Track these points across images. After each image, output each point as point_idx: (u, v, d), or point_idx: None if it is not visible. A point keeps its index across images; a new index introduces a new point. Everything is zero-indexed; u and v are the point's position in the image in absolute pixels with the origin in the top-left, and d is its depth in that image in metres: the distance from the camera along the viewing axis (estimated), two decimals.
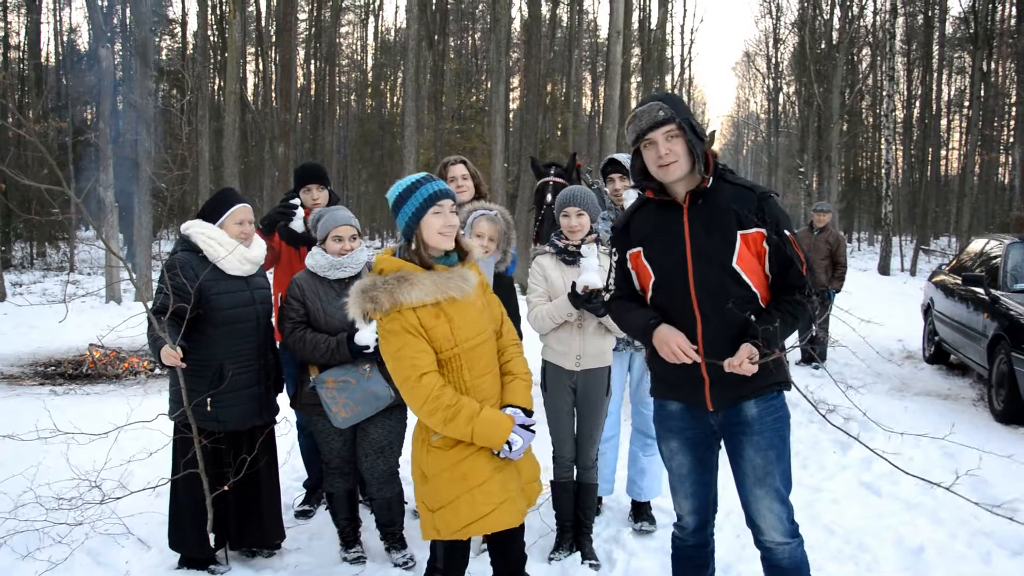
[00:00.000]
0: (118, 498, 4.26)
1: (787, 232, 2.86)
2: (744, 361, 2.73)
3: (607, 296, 3.20)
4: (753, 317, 2.82)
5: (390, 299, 2.77)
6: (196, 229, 3.97)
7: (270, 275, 4.84)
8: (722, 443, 3.09)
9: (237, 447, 4.04)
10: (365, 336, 3.84)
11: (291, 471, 5.32)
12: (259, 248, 4.14)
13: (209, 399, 3.84)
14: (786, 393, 3.02)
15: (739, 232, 2.84)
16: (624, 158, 5.09)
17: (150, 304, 3.79)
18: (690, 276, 2.87)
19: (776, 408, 2.96)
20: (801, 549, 3.00)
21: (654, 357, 3.06)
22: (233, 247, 3.95)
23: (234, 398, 3.93)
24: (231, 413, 3.95)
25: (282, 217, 4.74)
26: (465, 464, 2.89)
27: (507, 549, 3.12)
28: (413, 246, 2.88)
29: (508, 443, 2.85)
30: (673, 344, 2.85)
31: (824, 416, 3.39)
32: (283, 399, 4.44)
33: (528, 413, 2.98)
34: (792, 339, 3.10)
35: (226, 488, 3.94)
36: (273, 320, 4.32)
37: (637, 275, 3.08)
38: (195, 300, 3.74)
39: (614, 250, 3.15)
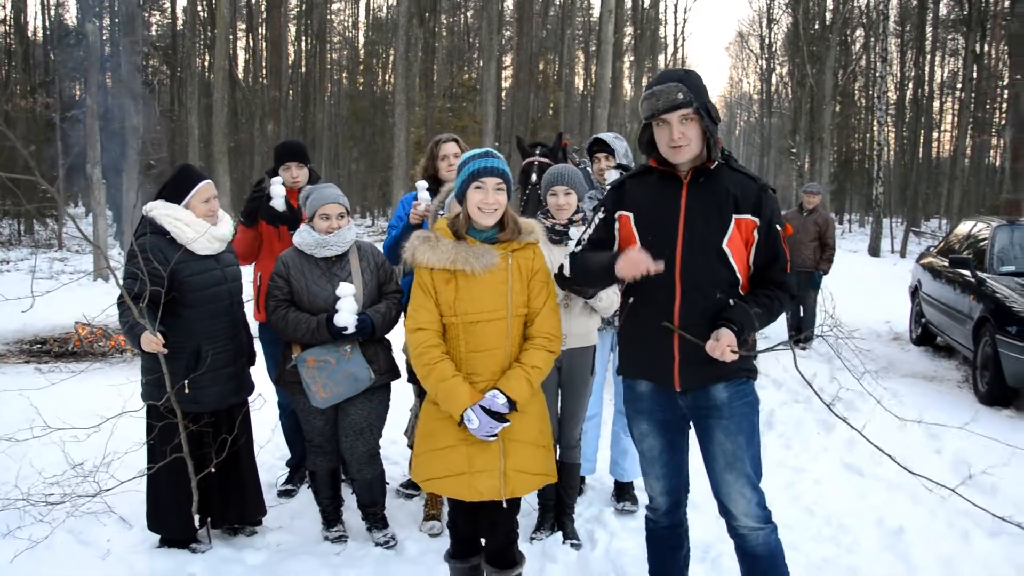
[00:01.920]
0: (108, 490, 4.23)
1: (778, 227, 2.89)
2: (726, 349, 2.73)
3: (578, 248, 3.17)
4: (732, 302, 2.83)
5: (411, 256, 3.07)
6: (161, 211, 3.88)
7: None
8: (692, 426, 3.09)
9: (216, 426, 4.02)
10: (344, 318, 3.82)
11: (274, 450, 5.30)
12: (225, 225, 4.08)
13: (187, 380, 3.81)
14: (772, 374, 3.02)
15: (734, 215, 2.85)
16: (609, 137, 5.05)
17: (102, 285, 3.75)
18: (678, 251, 2.86)
19: (746, 393, 2.96)
20: (775, 536, 3.00)
21: (624, 335, 3.07)
22: (204, 229, 3.88)
23: (212, 378, 3.91)
24: (209, 393, 3.93)
25: (256, 203, 4.68)
26: (435, 424, 3.07)
27: (494, 524, 3.20)
28: (460, 215, 3.06)
29: (465, 419, 2.93)
30: (636, 259, 2.74)
31: (829, 406, 3.31)
32: (261, 376, 4.42)
33: (511, 402, 2.96)
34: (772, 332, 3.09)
35: (212, 470, 3.93)
36: (248, 298, 4.28)
37: (620, 240, 3.05)
38: (168, 284, 3.70)
39: (602, 208, 3.11)
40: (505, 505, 3.10)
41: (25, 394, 5.00)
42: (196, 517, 4.01)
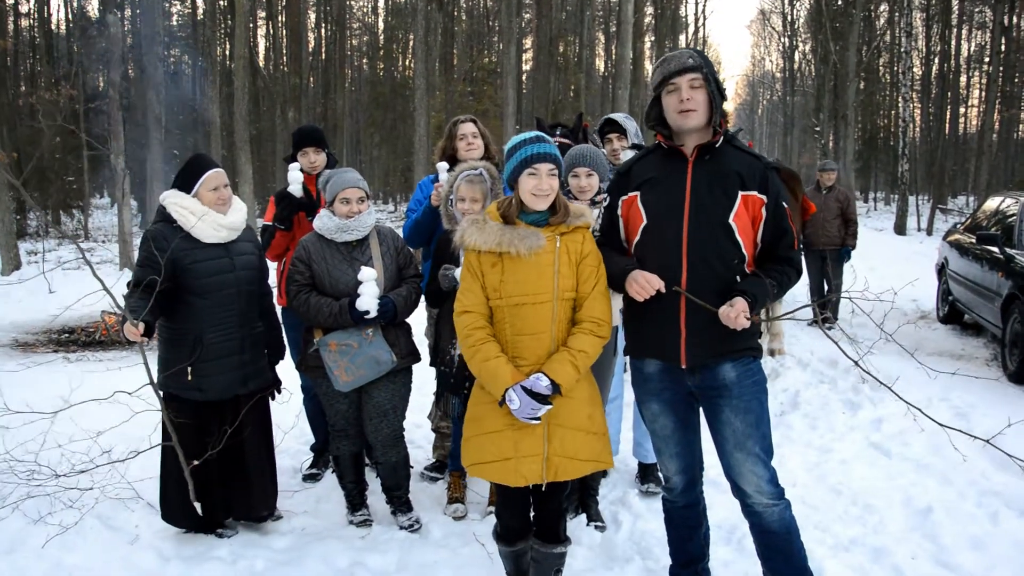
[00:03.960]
0: (121, 459, 4.27)
1: (784, 205, 2.95)
2: (740, 315, 2.75)
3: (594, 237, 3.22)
4: (738, 278, 2.89)
5: (460, 238, 3.08)
6: (170, 200, 3.87)
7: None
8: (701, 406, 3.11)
9: (221, 417, 3.97)
10: (365, 302, 3.84)
11: (299, 435, 5.34)
12: (237, 213, 4.01)
13: (190, 368, 3.80)
14: (797, 354, 3.03)
15: (740, 192, 2.90)
16: (620, 117, 5.01)
17: (128, 276, 3.76)
18: (684, 224, 2.90)
19: (753, 372, 2.98)
20: (789, 512, 3.02)
21: (630, 311, 3.09)
22: (203, 214, 3.85)
23: (216, 367, 3.86)
24: (212, 382, 3.88)
25: (287, 208, 4.68)
26: (483, 409, 3.05)
27: (543, 503, 3.20)
28: (512, 200, 3.06)
29: (507, 399, 2.91)
30: (641, 279, 2.88)
31: (864, 369, 3.30)
32: (287, 367, 4.43)
33: (555, 385, 2.90)
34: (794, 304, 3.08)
35: (205, 459, 3.84)
36: (272, 286, 4.28)
37: (627, 222, 3.10)
38: (169, 271, 3.68)
39: (606, 196, 3.17)
40: (544, 488, 3.08)
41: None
42: (198, 505, 4.00)
